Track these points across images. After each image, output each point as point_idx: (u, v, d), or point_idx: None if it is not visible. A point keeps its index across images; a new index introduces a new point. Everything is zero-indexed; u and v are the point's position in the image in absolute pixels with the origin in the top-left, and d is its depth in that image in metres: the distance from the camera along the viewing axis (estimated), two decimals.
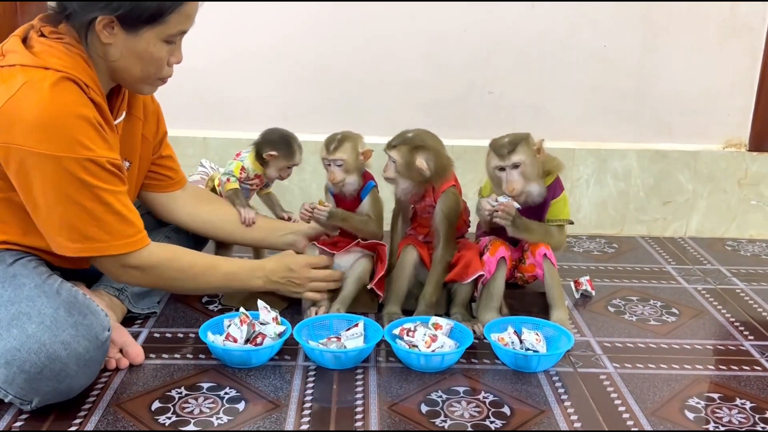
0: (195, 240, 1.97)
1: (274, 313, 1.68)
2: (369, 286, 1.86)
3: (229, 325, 1.65)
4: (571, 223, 1.88)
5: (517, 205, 1.75)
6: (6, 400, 1.39)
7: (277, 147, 1.93)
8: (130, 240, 1.51)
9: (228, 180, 1.95)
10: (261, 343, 1.61)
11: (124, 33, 1.46)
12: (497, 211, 1.74)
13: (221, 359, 1.62)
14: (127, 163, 1.68)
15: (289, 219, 2.03)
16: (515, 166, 1.74)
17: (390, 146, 1.78)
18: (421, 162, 1.75)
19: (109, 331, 1.45)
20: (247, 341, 1.63)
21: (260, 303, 1.69)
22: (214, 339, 1.64)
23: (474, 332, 1.73)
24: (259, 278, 1.74)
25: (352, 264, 1.86)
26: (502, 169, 1.75)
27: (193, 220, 1.90)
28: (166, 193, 1.88)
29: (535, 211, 1.82)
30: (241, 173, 1.95)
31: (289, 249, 1.88)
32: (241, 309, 1.67)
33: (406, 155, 1.75)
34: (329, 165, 1.82)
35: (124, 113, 1.63)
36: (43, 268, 1.51)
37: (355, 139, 1.84)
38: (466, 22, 2.44)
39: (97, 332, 1.41)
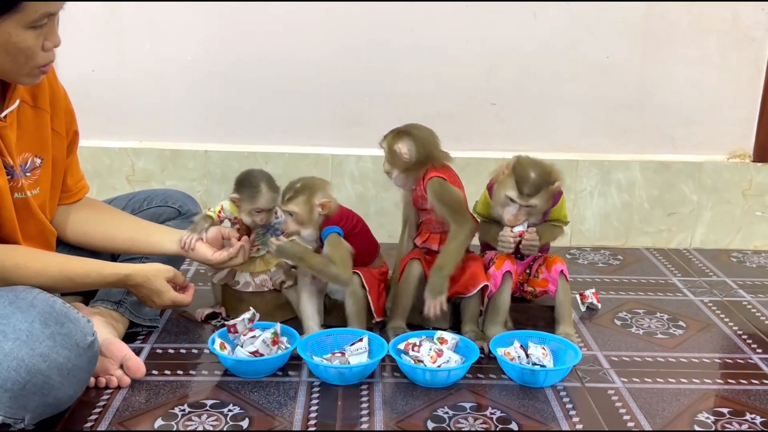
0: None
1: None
2: (375, 320, 1.81)
3: (249, 337, 1.65)
4: (567, 222, 1.87)
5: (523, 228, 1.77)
6: None
7: (239, 189, 1.77)
8: None
9: (208, 210, 1.83)
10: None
11: None
12: (521, 244, 1.75)
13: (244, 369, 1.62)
14: (39, 160, 1.59)
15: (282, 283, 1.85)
16: (528, 206, 1.73)
17: (382, 139, 1.81)
18: (400, 147, 1.74)
19: (92, 336, 1.41)
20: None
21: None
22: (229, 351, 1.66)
23: (482, 350, 1.71)
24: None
25: (344, 301, 1.77)
26: (513, 200, 1.73)
27: (75, 235, 1.75)
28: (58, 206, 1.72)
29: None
30: (219, 213, 1.81)
31: (169, 247, 1.75)
32: (277, 326, 1.68)
33: (390, 143, 1.77)
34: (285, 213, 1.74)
35: (16, 102, 1.51)
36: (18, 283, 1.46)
37: (311, 191, 1.70)
38: (467, 34, 2.43)
39: (77, 340, 1.37)
